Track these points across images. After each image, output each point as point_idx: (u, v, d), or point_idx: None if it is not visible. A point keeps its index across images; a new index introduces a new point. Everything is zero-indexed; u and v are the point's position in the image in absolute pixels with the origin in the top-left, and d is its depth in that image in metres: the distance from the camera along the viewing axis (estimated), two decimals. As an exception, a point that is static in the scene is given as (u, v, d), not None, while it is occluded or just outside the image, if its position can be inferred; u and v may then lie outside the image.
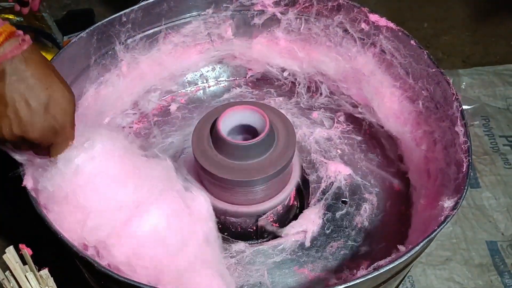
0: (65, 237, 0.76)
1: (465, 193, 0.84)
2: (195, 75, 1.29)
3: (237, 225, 0.99)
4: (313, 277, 0.96)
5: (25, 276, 0.69)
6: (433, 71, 1.02)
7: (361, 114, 1.16)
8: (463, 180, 0.87)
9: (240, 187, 0.91)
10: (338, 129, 1.18)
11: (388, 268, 0.75)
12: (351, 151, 1.15)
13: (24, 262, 0.70)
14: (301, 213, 1.03)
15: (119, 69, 1.16)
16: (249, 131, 0.94)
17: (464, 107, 0.96)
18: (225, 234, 1.00)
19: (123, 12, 1.11)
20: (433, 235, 0.79)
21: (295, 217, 1.03)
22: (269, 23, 1.22)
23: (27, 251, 0.70)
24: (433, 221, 0.86)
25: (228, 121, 0.92)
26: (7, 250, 0.69)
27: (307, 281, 0.95)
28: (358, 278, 0.74)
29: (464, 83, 1.75)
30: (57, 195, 0.76)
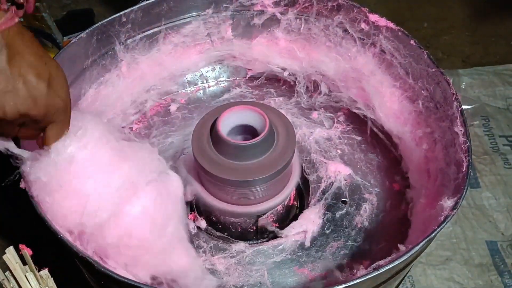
0: (65, 237, 0.77)
1: (465, 193, 0.84)
2: (195, 75, 1.29)
3: (237, 225, 0.99)
4: (313, 277, 0.96)
5: (25, 276, 0.69)
6: (433, 71, 1.02)
7: (361, 114, 1.16)
8: (463, 180, 0.87)
9: (240, 187, 0.91)
10: (338, 129, 1.18)
11: (388, 268, 0.75)
12: (351, 151, 1.15)
13: (24, 262, 0.70)
14: (301, 213, 1.03)
15: (119, 69, 1.16)
16: (249, 131, 0.94)
17: (464, 107, 0.96)
18: (225, 234, 1.00)
19: (123, 12, 1.11)
20: (433, 235, 0.79)
21: (295, 217, 1.03)
22: (269, 23, 1.22)
23: (27, 251, 0.70)
24: (433, 221, 0.86)
25: (228, 121, 0.92)
26: (7, 250, 0.69)
27: (307, 281, 0.95)
28: (358, 278, 0.74)
29: (464, 83, 1.75)
30: (51, 184, 0.75)
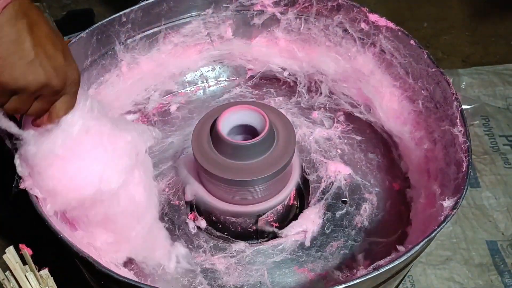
0: (65, 236, 0.77)
1: (465, 193, 0.84)
2: (195, 75, 1.29)
3: (237, 225, 0.99)
4: (313, 276, 0.96)
5: (25, 276, 0.69)
6: (433, 70, 1.02)
7: (361, 113, 1.16)
8: (463, 179, 0.87)
9: (240, 187, 0.91)
10: (338, 129, 1.18)
11: (388, 267, 0.75)
12: (351, 151, 1.15)
13: (24, 262, 0.70)
14: (301, 213, 1.03)
15: (119, 69, 1.16)
16: (249, 131, 0.94)
17: (464, 106, 0.96)
18: (225, 233, 1.00)
19: (123, 12, 1.11)
20: (433, 235, 0.79)
21: (295, 217, 1.03)
22: (268, 23, 1.22)
23: (27, 251, 0.70)
24: (433, 220, 0.86)
25: (228, 121, 0.92)
26: (7, 250, 0.69)
27: (307, 281, 0.95)
28: (358, 278, 0.74)
29: (464, 83, 1.75)
30: (61, 157, 0.75)
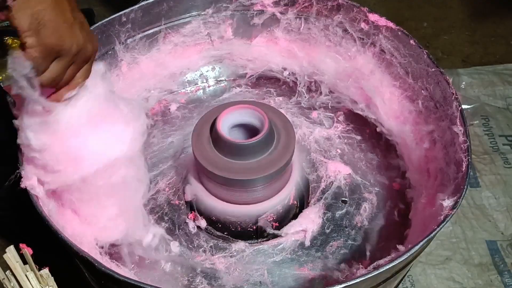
0: (65, 236, 0.77)
1: (464, 193, 0.84)
2: (195, 74, 1.29)
3: (237, 224, 0.99)
4: (313, 276, 0.96)
5: (26, 275, 0.69)
6: (433, 70, 1.02)
7: (361, 113, 1.16)
8: (463, 179, 0.87)
9: (240, 187, 0.91)
10: (338, 129, 1.18)
11: (388, 267, 0.75)
12: (351, 150, 1.15)
13: (24, 261, 0.70)
14: (301, 212, 1.03)
15: (119, 69, 1.16)
16: (249, 131, 0.94)
17: (463, 106, 0.96)
18: (225, 233, 1.00)
19: (123, 12, 1.11)
20: (432, 235, 0.79)
21: (295, 217, 1.03)
22: (268, 23, 1.22)
23: (28, 251, 0.70)
24: (432, 220, 0.86)
25: (228, 121, 0.92)
26: (7, 249, 0.69)
27: (307, 280, 0.95)
28: (358, 277, 0.74)
29: (463, 83, 1.75)
30: (84, 123, 0.78)
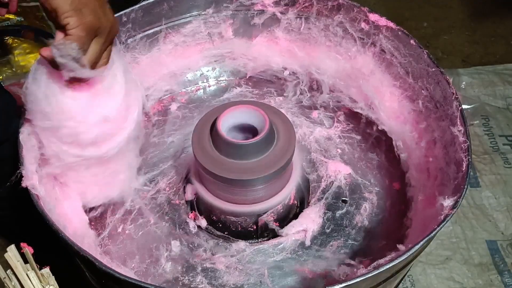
0: (66, 235, 0.77)
1: (464, 192, 0.84)
2: (195, 74, 1.29)
3: (237, 224, 0.99)
4: (313, 276, 0.96)
5: (27, 274, 0.69)
6: (433, 70, 1.02)
7: (361, 113, 1.16)
8: (463, 179, 0.87)
9: (240, 186, 0.91)
10: (338, 129, 1.18)
11: (388, 267, 0.75)
12: (351, 150, 1.15)
13: (25, 260, 0.70)
14: (301, 212, 1.03)
15: (119, 69, 1.16)
16: (249, 130, 0.94)
17: (464, 106, 0.97)
18: (225, 233, 1.00)
19: (123, 12, 1.11)
20: (432, 234, 0.79)
21: (295, 216, 1.03)
22: (269, 23, 1.22)
23: (29, 250, 0.70)
24: (432, 220, 0.86)
25: (228, 121, 0.92)
26: (8, 248, 0.69)
27: (307, 280, 0.96)
28: (358, 277, 0.74)
29: (463, 83, 1.75)
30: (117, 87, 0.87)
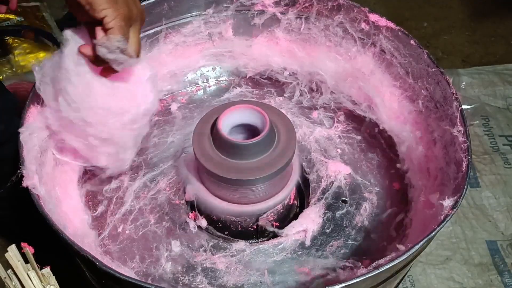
0: (66, 235, 0.77)
1: (464, 192, 0.84)
2: (196, 74, 1.29)
3: (237, 224, 0.99)
4: (313, 276, 0.96)
5: (27, 274, 0.69)
6: (433, 70, 1.03)
7: (361, 113, 1.16)
8: (463, 179, 0.87)
9: (240, 186, 0.91)
10: (338, 129, 1.18)
11: (388, 267, 0.75)
12: (351, 150, 1.15)
13: (26, 260, 0.70)
14: (301, 212, 1.03)
15: (119, 69, 1.16)
16: (250, 130, 0.94)
17: (464, 106, 0.97)
18: (226, 233, 1.01)
19: (123, 12, 1.11)
20: (432, 234, 0.79)
21: (295, 216, 1.03)
22: (269, 23, 1.22)
23: (29, 250, 0.70)
24: (432, 220, 0.86)
25: (228, 120, 0.92)
26: (9, 248, 0.69)
27: (307, 280, 0.96)
28: (358, 277, 0.74)
29: (463, 83, 1.76)
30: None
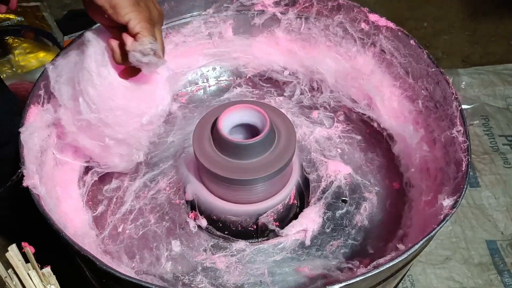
0: (67, 235, 0.77)
1: (464, 192, 0.84)
2: (196, 74, 1.29)
3: (237, 223, 0.99)
4: (313, 275, 0.96)
5: (28, 274, 0.69)
6: (433, 70, 1.03)
7: (361, 113, 1.16)
8: (463, 179, 0.87)
9: (240, 186, 0.91)
10: (338, 128, 1.18)
11: (387, 266, 0.76)
12: (351, 150, 1.15)
13: (26, 260, 0.71)
14: (301, 212, 1.03)
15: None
16: (250, 130, 0.95)
17: (463, 106, 0.97)
18: (226, 232, 1.01)
19: (124, 12, 1.11)
20: (432, 234, 0.79)
21: (295, 216, 1.03)
22: (269, 23, 1.22)
23: (30, 249, 0.70)
24: (432, 219, 0.86)
25: (228, 120, 0.93)
26: (9, 248, 0.69)
27: (307, 279, 0.96)
28: (358, 276, 0.74)
29: (463, 83, 1.76)
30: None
